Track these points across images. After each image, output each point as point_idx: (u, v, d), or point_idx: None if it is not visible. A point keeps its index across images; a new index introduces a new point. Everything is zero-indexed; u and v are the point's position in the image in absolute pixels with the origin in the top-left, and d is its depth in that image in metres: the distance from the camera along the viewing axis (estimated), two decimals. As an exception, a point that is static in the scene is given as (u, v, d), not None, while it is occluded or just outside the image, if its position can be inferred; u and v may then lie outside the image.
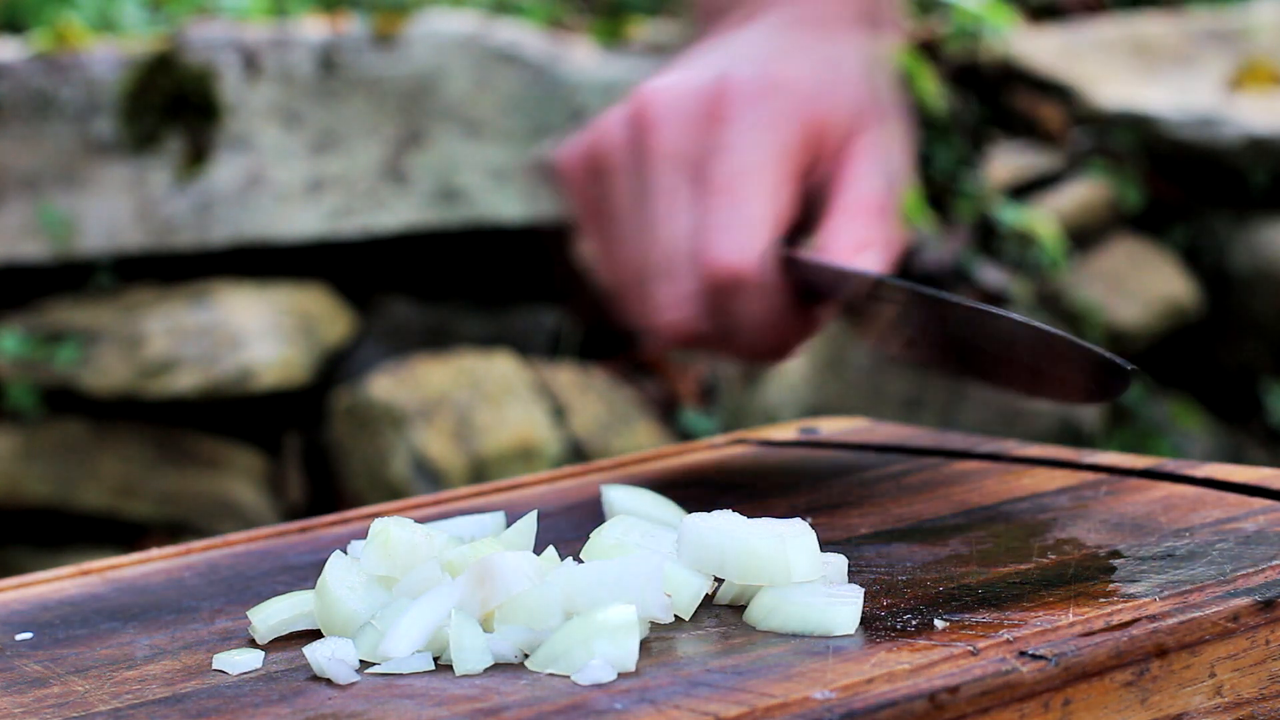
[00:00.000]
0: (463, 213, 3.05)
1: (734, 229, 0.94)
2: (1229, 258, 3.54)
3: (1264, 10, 3.97)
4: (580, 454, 2.97)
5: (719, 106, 0.97)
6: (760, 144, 0.96)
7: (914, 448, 1.03)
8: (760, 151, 0.96)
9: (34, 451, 2.99)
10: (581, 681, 0.68)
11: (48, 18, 3.15)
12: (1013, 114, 3.54)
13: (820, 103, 0.99)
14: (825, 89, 1.00)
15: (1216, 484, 0.91)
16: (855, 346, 3.23)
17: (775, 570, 0.74)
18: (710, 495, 0.97)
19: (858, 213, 0.98)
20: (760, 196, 0.95)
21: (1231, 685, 0.73)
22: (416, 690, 0.70)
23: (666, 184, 0.96)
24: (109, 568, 0.91)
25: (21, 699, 0.73)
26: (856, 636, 0.72)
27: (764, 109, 0.97)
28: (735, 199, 0.95)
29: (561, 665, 0.70)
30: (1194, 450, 3.43)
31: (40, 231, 2.94)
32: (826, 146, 0.99)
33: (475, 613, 0.73)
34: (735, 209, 0.95)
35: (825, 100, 0.99)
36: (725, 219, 0.95)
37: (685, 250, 0.96)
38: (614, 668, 0.69)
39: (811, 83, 0.99)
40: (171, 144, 2.97)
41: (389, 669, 0.72)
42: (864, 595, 0.76)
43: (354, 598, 0.76)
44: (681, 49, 1.07)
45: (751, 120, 0.97)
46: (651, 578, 0.72)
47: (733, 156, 0.96)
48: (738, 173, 0.95)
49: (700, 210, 0.95)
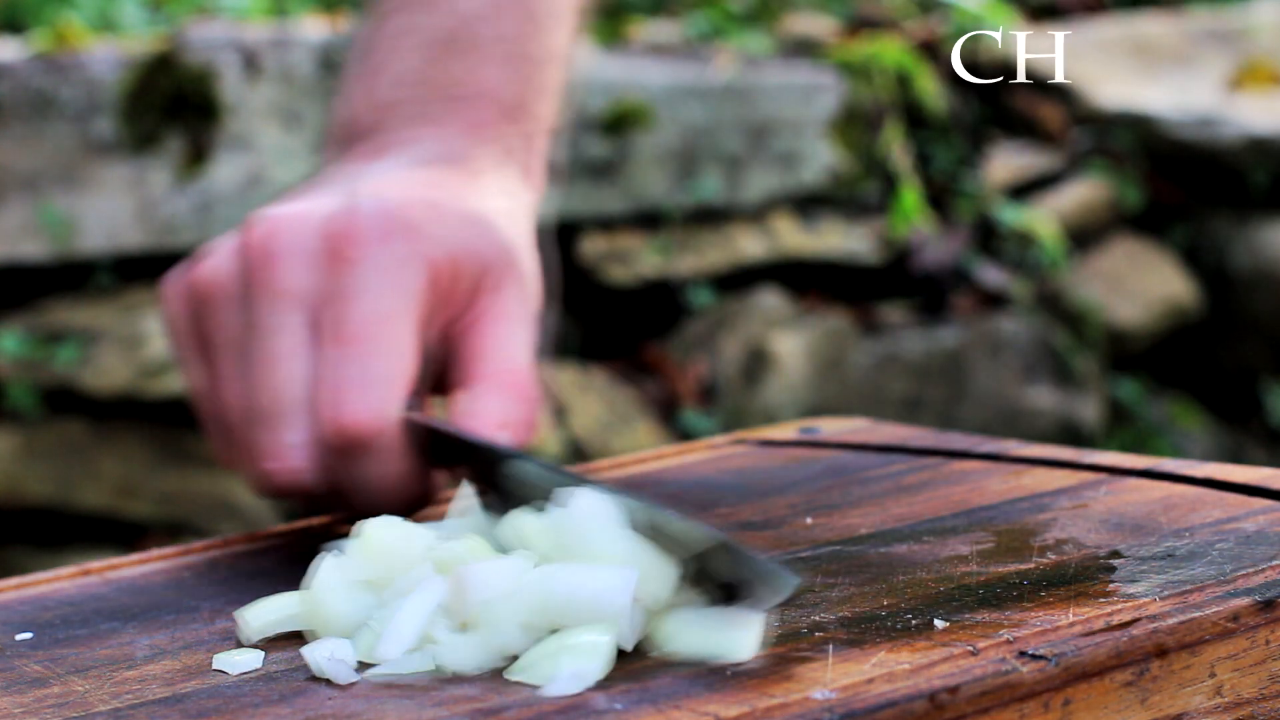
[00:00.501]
0: (463, 213, 3.05)
1: (363, 386, 0.87)
2: (1229, 258, 3.55)
3: (1264, 10, 3.97)
4: (580, 454, 2.97)
5: (342, 243, 0.89)
6: (389, 292, 0.88)
7: (914, 448, 1.03)
8: (389, 300, 0.88)
9: (34, 451, 2.99)
10: (551, 694, 0.68)
11: (48, 18, 3.15)
12: (1013, 114, 3.54)
13: (450, 247, 0.91)
14: (457, 233, 0.92)
15: (1216, 484, 0.91)
16: (855, 347, 3.23)
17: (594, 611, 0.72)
18: (710, 495, 0.97)
19: (504, 384, 0.91)
20: (391, 352, 0.87)
21: (1231, 685, 0.73)
22: (416, 690, 0.70)
23: (279, 323, 0.88)
24: (109, 568, 0.91)
25: (21, 699, 0.73)
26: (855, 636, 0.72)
27: (390, 250, 0.89)
28: (364, 352, 0.87)
29: (531, 676, 0.70)
30: (1194, 450, 3.43)
31: (40, 231, 2.94)
32: (456, 295, 0.91)
33: (456, 618, 0.73)
34: (364, 363, 0.87)
35: (456, 245, 0.91)
36: (353, 374, 0.87)
37: (299, 398, 0.87)
38: (582, 681, 0.69)
39: (441, 225, 0.91)
40: (171, 144, 2.97)
41: (388, 670, 0.72)
42: (864, 595, 0.76)
43: (340, 599, 0.76)
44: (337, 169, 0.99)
45: (377, 262, 0.88)
46: (624, 591, 0.71)
47: (360, 304, 0.88)
48: (366, 323, 0.87)
49: (323, 360, 0.87)
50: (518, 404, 0.91)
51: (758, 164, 3.19)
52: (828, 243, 3.26)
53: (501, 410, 0.90)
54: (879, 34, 3.43)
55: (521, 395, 0.91)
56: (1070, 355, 3.34)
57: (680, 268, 3.15)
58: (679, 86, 3.13)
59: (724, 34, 3.34)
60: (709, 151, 3.15)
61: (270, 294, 0.89)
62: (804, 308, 3.24)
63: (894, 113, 3.32)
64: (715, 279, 3.18)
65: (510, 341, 0.92)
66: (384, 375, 0.87)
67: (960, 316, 3.28)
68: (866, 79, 3.29)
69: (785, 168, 3.21)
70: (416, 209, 0.91)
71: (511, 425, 0.90)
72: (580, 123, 3.04)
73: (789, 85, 3.22)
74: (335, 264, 0.88)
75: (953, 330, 3.28)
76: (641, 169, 3.10)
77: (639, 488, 0.91)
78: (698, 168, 3.14)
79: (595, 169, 3.07)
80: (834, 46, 3.32)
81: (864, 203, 3.29)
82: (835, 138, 3.24)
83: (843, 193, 3.27)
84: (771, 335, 3.17)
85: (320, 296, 0.88)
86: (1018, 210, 3.37)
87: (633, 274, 3.13)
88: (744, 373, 3.15)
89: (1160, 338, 3.52)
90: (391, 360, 0.87)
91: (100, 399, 2.98)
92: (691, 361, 3.16)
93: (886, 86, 3.33)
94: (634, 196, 3.11)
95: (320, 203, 0.92)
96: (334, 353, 0.87)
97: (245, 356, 0.89)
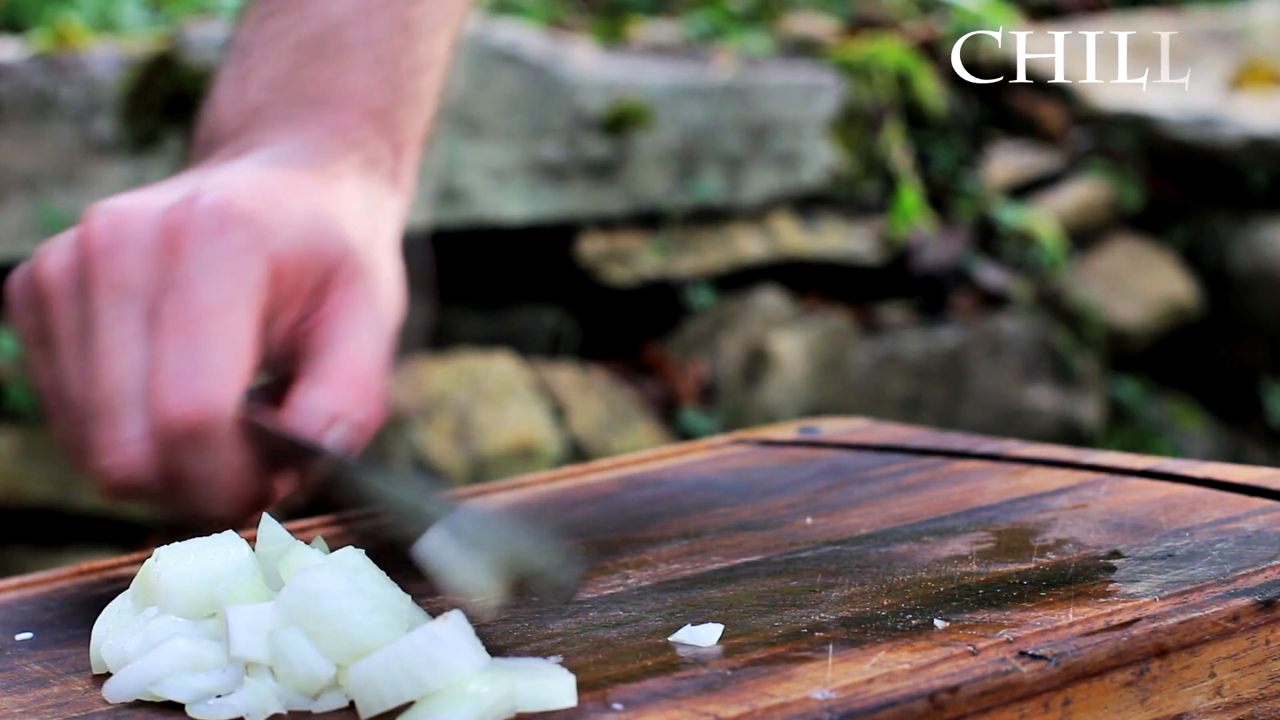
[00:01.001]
0: (463, 213, 3.05)
1: (192, 375, 0.85)
2: (1229, 258, 3.55)
3: (1264, 10, 3.97)
4: (580, 454, 2.97)
5: (176, 236, 0.87)
6: (225, 282, 0.87)
7: (914, 448, 1.04)
8: (221, 291, 0.87)
9: (34, 451, 2.99)
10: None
11: (48, 18, 3.15)
12: (1013, 114, 3.54)
13: (295, 243, 0.89)
14: (303, 230, 0.90)
15: (1216, 484, 0.91)
16: (855, 346, 3.23)
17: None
18: (710, 495, 0.97)
19: (337, 380, 0.89)
20: (225, 342, 0.86)
21: (1231, 685, 0.73)
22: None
23: (112, 316, 0.87)
24: (109, 567, 0.91)
25: (21, 699, 0.73)
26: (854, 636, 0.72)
27: (225, 242, 0.87)
28: (194, 342, 0.86)
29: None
30: (1194, 450, 3.43)
31: (40, 231, 2.94)
32: (300, 292, 0.90)
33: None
34: (194, 353, 0.85)
35: (301, 241, 0.90)
36: (182, 363, 0.85)
37: (133, 391, 0.86)
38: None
39: (285, 221, 0.89)
40: (171, 144, 2.97)
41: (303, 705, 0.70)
42: (864, 595, 0.76)
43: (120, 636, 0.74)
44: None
45: (211, 254, 0.87)
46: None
47: (190, 294, 0.86)
48: (197, 313, 0.86)
49: (156, 350, 0.86)
50: (350, 400, 0.88)
51: (758, 164, 3.19)
52: (828, 243, 3.26)
53: (331, 405, 0.88)
54: (879, 34, 3.43)
55: (356, 392, 0.89)
56: (1070, 355, 3.34)
57: (680, 268, 3.15)
58: (679, 86, 3.13)
59: (724, 34, 3.34)
60: (709, 151, 3.15)
61: (106, 286, 0.87)
62: (804, 308, 3.24)
63: (894, 113, 3.32)
64: (715, 279, 3.18)
65: (352, 339, 0.90)
66: (216, 365, 0.85)
67: (960, 316, 3.28)
68: (866, 79, 3.29)
69: (785, 168, 3.21)
70: (259, 204, 0.89)
71: (342, 421, 0.87)
72: (580, 123, 3.04)
73: (789, 85, 3.22)
74: (171, 255, 0.87)
75: (953, 330, 3.28)
76: (641, 169, 3.10)
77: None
78: (698, 168, 3.14)
79: (595, 169, 3.07)
80: (834, 46, 3.32)
81: (864, 203, 3.29)
82: (835, 138, 3.24)
83: (843, 193, 3.27)
84: (771, 335, 3.17)
85: (156, 287, 0.87)
86: (1018, 210, 3.37)
87: (633, 274, 3.13)
88: (744, 373, 3.15)
89: (1160, 338, 3.52)
90: (225, 351, 0.86)
91: (100, 399, 2.98)
92: (691, 361, 3.16)
93: (886, 86, 3.33)
94: (634, 196, 3.11)
95: (159, 196, 0.90)
96: (166, 343, 0.86)
97: (83, 350, 0.88)
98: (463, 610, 0.70)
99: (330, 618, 0.69)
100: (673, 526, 0.92)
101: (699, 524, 0.92)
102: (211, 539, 0.77)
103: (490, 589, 0.73)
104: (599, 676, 0.70)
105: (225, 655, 0.71)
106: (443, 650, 0.67)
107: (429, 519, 0.75)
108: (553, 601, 0.76)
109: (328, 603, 0.69)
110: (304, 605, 0.69)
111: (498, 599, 0.73)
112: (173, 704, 0.70)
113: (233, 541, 0.77)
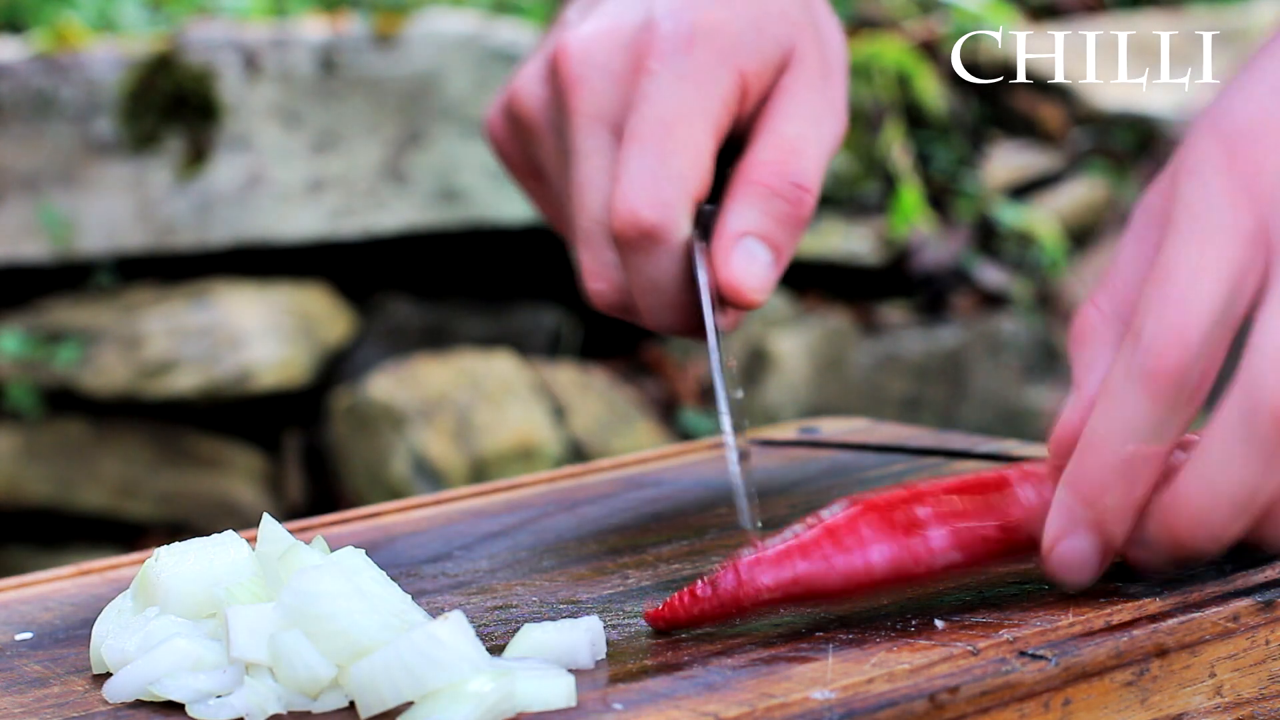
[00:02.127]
0: (463, 213, 3.05)
1: (646, 181, 0.88)
2: (1229, 258, 3.54)
3: (1264, 10, 3.97)
4: (580, 454, 2.97)
5: (643, 58, 0.90)
6: (686, 95, 0.89)
7: (914, 448, 1.04)
8: (684, 103, 0.89)
9: (34, 451, 2.99)
10: None
11: (48, 18, 3.15)
12: (1013, 114, 3.54)
13: (750, 46, 0.91)
14: (754, 29, 0.92)
15: (1216, 484, 0.91)
16: (855, 347, 3.23)
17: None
18: (710, 496, 0.97)
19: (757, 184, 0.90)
20: (682, 151, 0.88)
21: (1231, 685, 0.73)
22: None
23: (590, 146, 0.90)
24: (109, 568, 0.91)
25: (21, 699, 0.73)
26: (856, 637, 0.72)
27: (692, 59, 0.90)
28: (651, 149, 0.88)
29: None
30: (1194, 450, 3.43)
31: (40, 231, 2.94)
32: (760, 93, 0.92)
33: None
34: (654, 160, 0.88)
35: (756, 42, 0.91)
36: (642, 169, 0.88)
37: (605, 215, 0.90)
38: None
39: (740, 24, 0.91)
40: (171, 144, 2.97)
41: (303, 705, 0.70)
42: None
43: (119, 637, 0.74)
44: None
45: (678, 71, 0.89)
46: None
47: (653, 106, 0.89)
48: (657, 122, 0.88)
49: (619, 159, 0.89)
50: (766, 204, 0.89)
51: (758, 164, 3.19)
52: (828, 243, 3.26)
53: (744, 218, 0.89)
54: (879, 34, 3.43)
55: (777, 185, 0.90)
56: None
57: (680, 268, 3.14)
58: (679, 86, 3.13)
59: (724, 34, 3.34)
60: (709, 151, 3.15)
61: (582, 117, 0.90)
62: (804, 308, 3.24)
63: (894, 113, 3.33)
64: (715, 279, 3.17)
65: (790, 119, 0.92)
66: (674, 173, 0.88)
67: (960, 316, 3.29)
68: (867, 79, 3.29)
69: (785, 168, 3.21)
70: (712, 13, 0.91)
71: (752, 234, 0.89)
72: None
73: (789, 85, 3.22)
74: (636, 78, 0.90)
75: (953, 330, 3.28)
76: (641, 169, 3.10)
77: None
78: (698, 168, 3.14)
79: (595, 169, 3.07)
80: (834, 46, 3.32)
81: (864, 203, 3.29)
82: (835, 138, 3.24)
83: (843, 193, 3.27)
84: (771, 335, 3.17)
85: (627, 107, 0.90)
86: (1018, 210, 3.37)
87: (633, 274, 3.13)
88: (744, 373, 3.15)
89: (1160, 338, 3.52)
90: (684, 160, 0.88)
91: (100, 399, 2.98)
92: (691, 361, 3.16)
93: (886, 86, 3.33)
94: (634, 196, 3.10)
95: (619, 20, 0.92)
96: (630, 149, 0.88)
97: (566, 178, 0.91)
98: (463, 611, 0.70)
99: (330, 618, 0.69)
100: (673, 526, 0.92)
101: (699, 524, 0.92)
102: (211, 539, 0.77)
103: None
104: (599, 676, 0.70)
105: (225, 655, 0.71)
106: (443, 650, 0.67)
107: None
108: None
109: (327, 603, 0.69)
110: (304, 606, 0.69)
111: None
112: (173, 704, 0.70)
113: (233, 542, 0.77)
